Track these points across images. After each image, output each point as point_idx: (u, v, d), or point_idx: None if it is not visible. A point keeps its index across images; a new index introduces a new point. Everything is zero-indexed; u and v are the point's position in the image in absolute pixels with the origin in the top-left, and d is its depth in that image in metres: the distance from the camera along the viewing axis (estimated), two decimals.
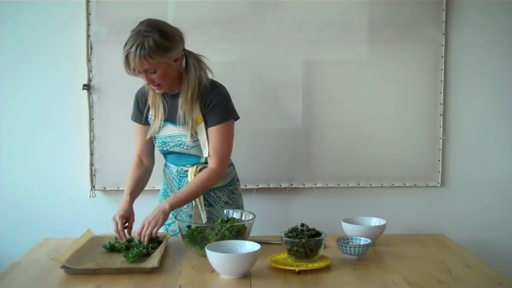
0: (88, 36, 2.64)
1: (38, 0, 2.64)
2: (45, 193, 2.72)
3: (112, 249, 1.92)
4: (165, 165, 2.27)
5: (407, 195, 2.82)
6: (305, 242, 1.76)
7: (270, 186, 2.76)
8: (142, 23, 1.95)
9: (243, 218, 2.01)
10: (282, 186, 2.76)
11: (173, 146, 2.14)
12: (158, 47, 1.91)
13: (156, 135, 2.15)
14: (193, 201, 2.14)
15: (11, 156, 2.71)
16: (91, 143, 2.69)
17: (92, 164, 2.70)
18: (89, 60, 2.66)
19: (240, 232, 1.88)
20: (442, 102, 2.77)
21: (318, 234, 1.82)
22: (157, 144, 2.18)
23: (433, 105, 2.77)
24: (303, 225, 1.85)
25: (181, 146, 2.12)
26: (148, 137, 2.15)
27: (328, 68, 2.72)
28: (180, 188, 2.17)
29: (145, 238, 1.90)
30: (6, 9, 2.64)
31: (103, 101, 2.68)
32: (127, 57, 1.92)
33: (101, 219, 2.61)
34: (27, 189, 2.72)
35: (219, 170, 2.08)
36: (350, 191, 2.80)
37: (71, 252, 1.83)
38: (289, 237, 1.80)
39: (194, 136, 2.08)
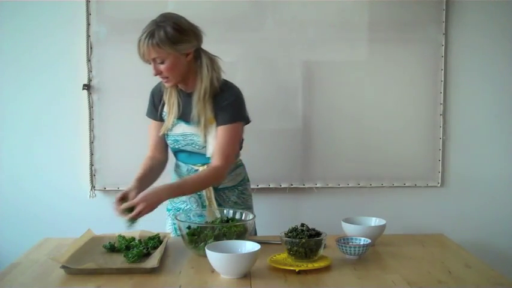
0: (88, 36, 2.65)
1: (38, 0, 2.64)
2: (45, 193, 2.72)
3: (112, 249, 1.92)
4: (176, 164, 2.26)
5: (407, 195, 2.82)
6: (305, 242, 1.76)
7: (270, 186, 2.76)
8: (160, 15, 2.02)
9: (243, 218, 2.01)
10: (282, 186, 2.76)
11: (185, 145, 2.14)
12: (168, 37, 1.96)
13: (168, 132, 2.15)
14: (204, 200, 2.16)
15: (11, 156, 2.71)
16: (91, 143, 2.69)
17: (92, 164, 2.70)
18: (88, 60, 2.66)
19: (240, 232, 1.88)
20: (442, 102, 2.77)
21: (318, 234, 1.81)
22: (169, 141, 2.17)
23: (433, 105, 2.77)
24: (303, 225, 1.85)
25: (193, 145, 2.12)
26: (161, 133, 2.15)
27: (328, 68, 2.72)
28: None
29: (131, 216, 1.89)
30: (6, 9, 2.64)
31: (103, 101, 2.68)
32: (138, 43, 1.98)
33: (101, 219, 2.61)
34: (27, 189, 2.72)
35: (221, 168, 2.05)
36: (350, 191, 2.80)
37: (71, 252, 1.83)
38: (289, 237, 1.79)
39: (206, 136, 2.09)
